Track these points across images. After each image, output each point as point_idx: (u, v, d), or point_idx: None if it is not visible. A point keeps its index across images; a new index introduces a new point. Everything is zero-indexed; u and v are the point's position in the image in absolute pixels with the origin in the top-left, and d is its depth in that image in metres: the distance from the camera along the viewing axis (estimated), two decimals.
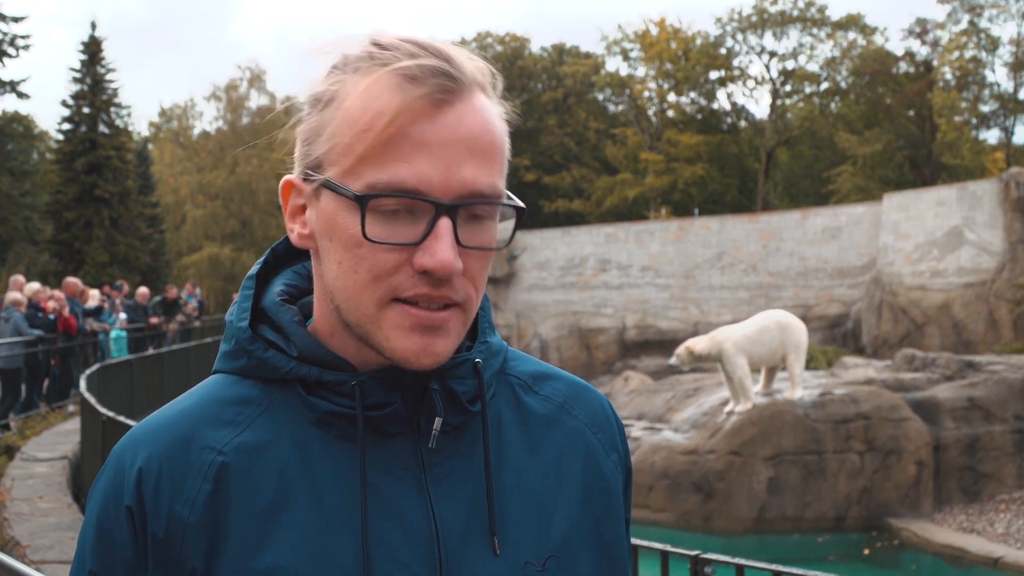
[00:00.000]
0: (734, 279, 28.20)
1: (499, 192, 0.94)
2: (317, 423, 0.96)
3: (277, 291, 1.04)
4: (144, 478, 0.93)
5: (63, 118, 33.56)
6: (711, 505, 12.21)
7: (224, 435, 0.95)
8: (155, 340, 17.49)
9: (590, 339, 28.50)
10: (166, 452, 0.94)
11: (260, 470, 0.94)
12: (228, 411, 0.97)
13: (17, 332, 11.93)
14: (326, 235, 0.94)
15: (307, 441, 0.96)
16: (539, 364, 1.12)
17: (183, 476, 0.93)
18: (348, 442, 0.96)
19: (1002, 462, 12.89)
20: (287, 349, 0.98)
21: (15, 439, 10.16)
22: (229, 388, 0.99)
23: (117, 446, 0.99)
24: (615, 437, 1.11)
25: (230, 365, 1.01)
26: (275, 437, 0.95)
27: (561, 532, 1.01)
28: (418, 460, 0.96)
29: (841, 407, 12.57)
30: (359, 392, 0.94)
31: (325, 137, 0.93)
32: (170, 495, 0.92)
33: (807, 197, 41.05)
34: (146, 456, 0.94)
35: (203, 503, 0.92)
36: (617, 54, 46.00)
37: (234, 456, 0.94)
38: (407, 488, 0.95)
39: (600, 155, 45.84)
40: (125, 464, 0.96)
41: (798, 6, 41.55)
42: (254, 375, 0.99)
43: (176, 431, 0.96)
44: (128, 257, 32.91)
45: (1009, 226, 22.80)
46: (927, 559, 11.27)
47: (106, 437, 6.80)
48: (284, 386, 0.98)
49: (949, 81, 35.96)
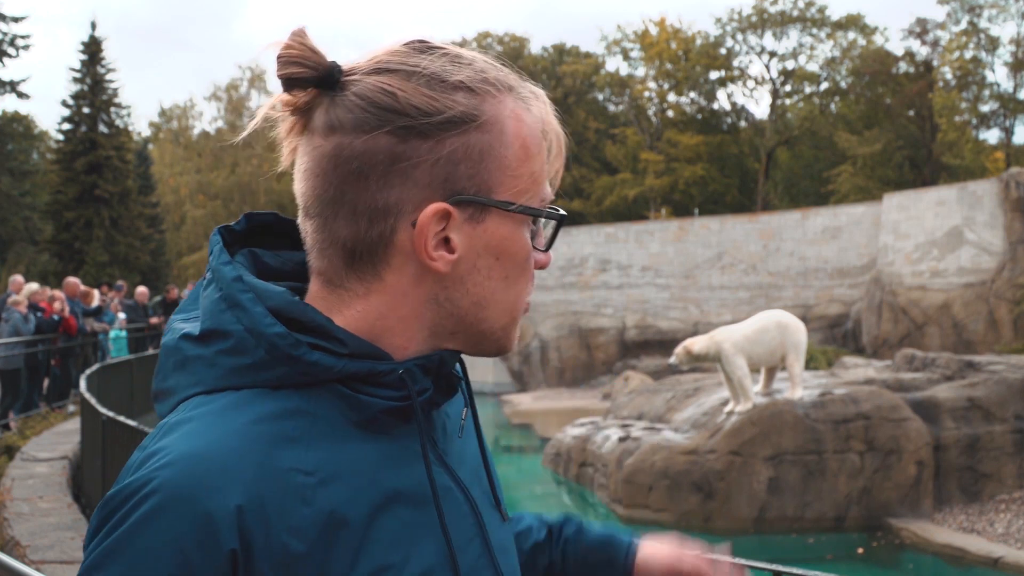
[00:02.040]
0: (734, 279, 28.20)
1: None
2: (360, 423, 0.93)
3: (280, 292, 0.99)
4: (247, 515, 0.84)
5: (63, 118, 33.60)
6: (711, 505, 12.21)
7: (300, 454, 0.89)
8: (155, 340, 17.49)
9: (590, 339, 28.50)
10: (257, 482, 0.85)
11: (348, 483, 0.90)
12: (287, 427, 0.90)
13: (17, 332, 11.93)
14: (491, 255, 0.97)
15: (358, 443, 0.93)
16: None
17: (284, 504, 0.86)
18: (387, 436, 0.95)
19: (1002, 462, 12.88)
20: (333, 348, 0.93)
21: (15, 439, 10.16)
22: (269, 403, 0.91)
23: (163, 483, 0.84)
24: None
25: (252, 379, 0.92)
26: (335, 446, 0.91)
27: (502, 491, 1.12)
28: (431, 440, 1.01)
29: (841, 407, 12.56)
30: (409, 379, 0.94)
31: (483, 159, 0.95)
32: (279, 528, 0.85)
33: (807, 197, 41.06)
34: (242, 489, 0.84)
35: (308, 529, 0.86)
36: (617, 54, 46.05)
37: (321, 475, 0.89)
38: (440, 467, 1.00)
39: (600, 155, 45.85)
40: (204, 503, 0.83)
41: (798, 6, 41.55)
42: (286, 384, 0.92)
43: (252, 457, 0.86)
44: (128, 257, 32.92)
45: (1009, 226, 22.81)
46: (927, 559, 11.27)
47: (106, 437, 6.80)
48: (318, 390, 0.93)
49: (949, 81, 35.97)
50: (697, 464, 12.37)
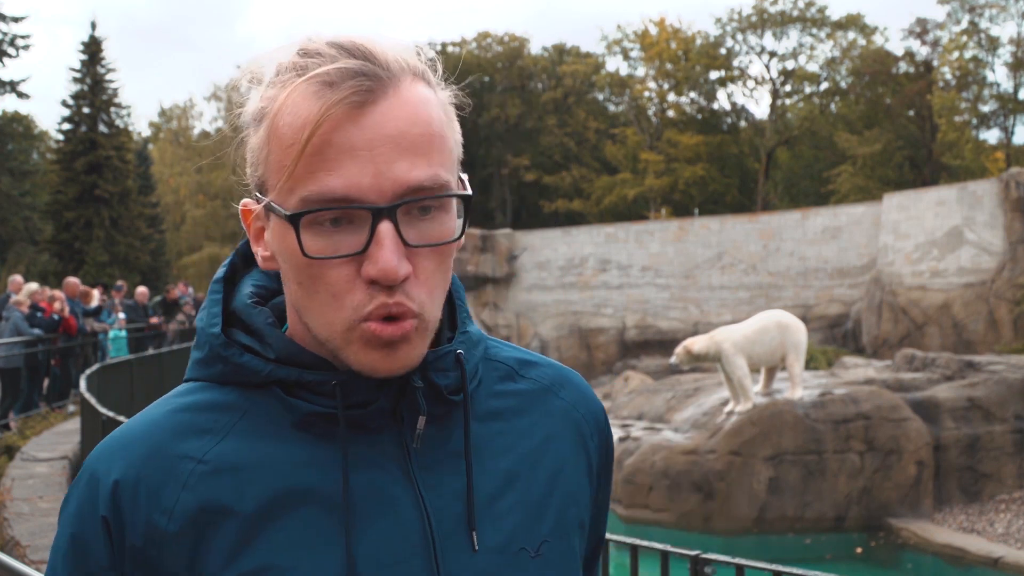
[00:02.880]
0: (734, 279, 28.19)
1: (442, 183, 0.90)
2: (297, 425, 0.95)
3: (247, 293, 1.02)
4: (120, 489, 0.92)
5: (63, 118, 33.58)
6: (711, 505, 12.21)
7: (203, 444, 0.94)
8: (155, 340, 17.49)
9: (590, 339, 28.50)
10: (142, 463, 0.93)
11: (243, 476, 0.92)
12: (205, 419, 0.95)
13: (17, 332, 11.93)
14: (281, 257, 0.93)
15: (290, 444, 0.94)
16: (522, 351, 1.12)
17: (161, 486, 0.92)
18: (330, 441, 0.94)
19: (1002, 462, 12.89)
20: (263, 352, 0.96)
21: (15, 439, 10.16)
22: (204, 395, 0.97)
23: (89, 457, 0.97)
24: (600, 419, 1.12)
25: (204, 372, 0.99)
26: (256, 442, 0.94)
27: (554, 516, 1.01)
28: (403, 451, 0.96)
29: (841, 407, 12.56)
30: (340, 391, 0.93)
31: (261, 157, 0.93)
32: (147, 506, 0.91)
33: (807, 197, 41.05)
34: (122, 467, 0.93)
35: (182, 512, 0.91)
36: (617, 54, 46.03)
37: (214, 464, 0.93)
38: (396, 482, 0.95)
39: (600, 155, 45.85)
40: (99, 475, 0.94)
41: (798, 6, 41.54)
42: (231, 381, 0.97)
43: (152, 440, 0.94)
44: (128, 257, 32.91)
45: (1009, 226, 22.80)
46: (927, 559, 11.27)
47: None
48: (261, 390, 0.96)
49: (949, 81, 35.95)
50: (697, 464, 12.37)
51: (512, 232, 30.84)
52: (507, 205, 45.83)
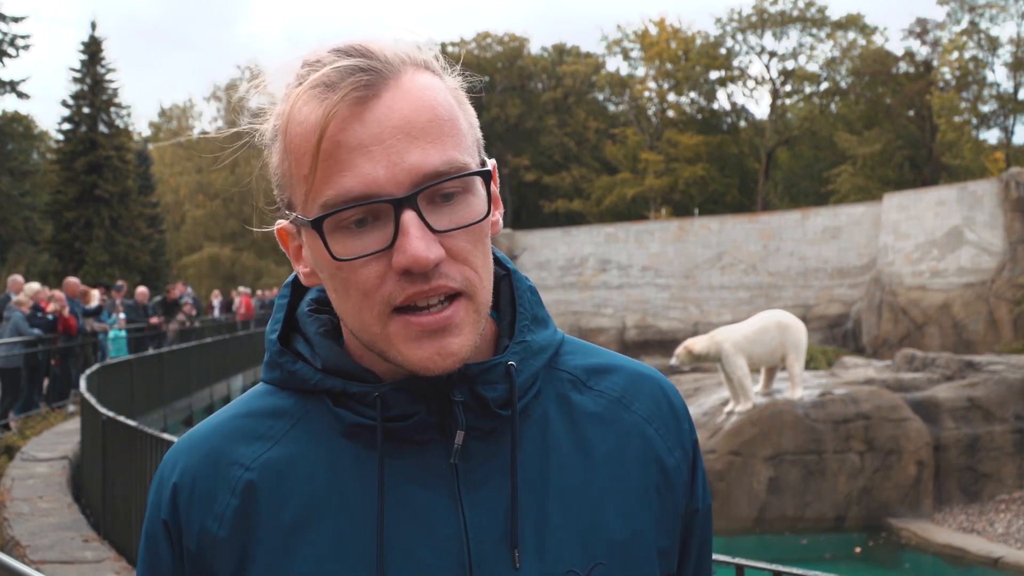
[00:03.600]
0: (734, 279, 28.19)
1: (458, 165, 0.89)
2: (346, 434, 0.95)
3: (309, 299, 1.03)
4: (178, 493, 0.96)
5: (63, 118, 33.59)
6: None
7: (254, 450, 0.96)
8: (155, 340, 17.49)
9: (590, 339, 28.46)
10: (199, 467, 0.96)
11: (287, 485, 0.94)
12: (261, 424, 0.98)
13: (17, 332, 11.93)
14: (317, 268, 0.94)
15: (337, 453, 0.95)
16: (598, 356, 1.07)
17: (213, 491, 0.95)
18: (375, 453, 0.94)
19: (1002, 462, 12.88)
20: (313, 361, 0.98)
21: (15, 439, 10.16)
22: (266, 400, 1.00)
23: (165, 457, 1.01)
24: (680, 429, 1.05)
25: (268, 376, 1.02)
26: (304, 450, 0.95)
27: (611, 537, 0.96)
28: (451, 468, 0.93)
29: (841, 407, 12.56)
30: (380, 403, 0.93)
31: (282, 173, 0.93)
32: (201, 510, 0.95)
33: (807, 197, 41.06)
34: (181, 471, 0.97)
35: (231, 518, 0.93)
36: (617, 54, 46.05)
37: (260, 472, 0.95)
38: (439, 497, 0.93)
39: (600, 155, 45.87)
40: (164, 478, 0.98)
41: (798, 6, 41.56)
42: (288, 387, 0.99)
43: (209, 446, 0.97)
44: (128, 257, 32.91)
45: (1009, 226, 22.80)
46: (927, 559, 11.27)
47: (106, 437, 6.80)
48: (315, 398, 0.97)
49: (949, 81, 35.96)
50: None
51: (512, 232, 30.84)
52: (507, 205, 45.84)
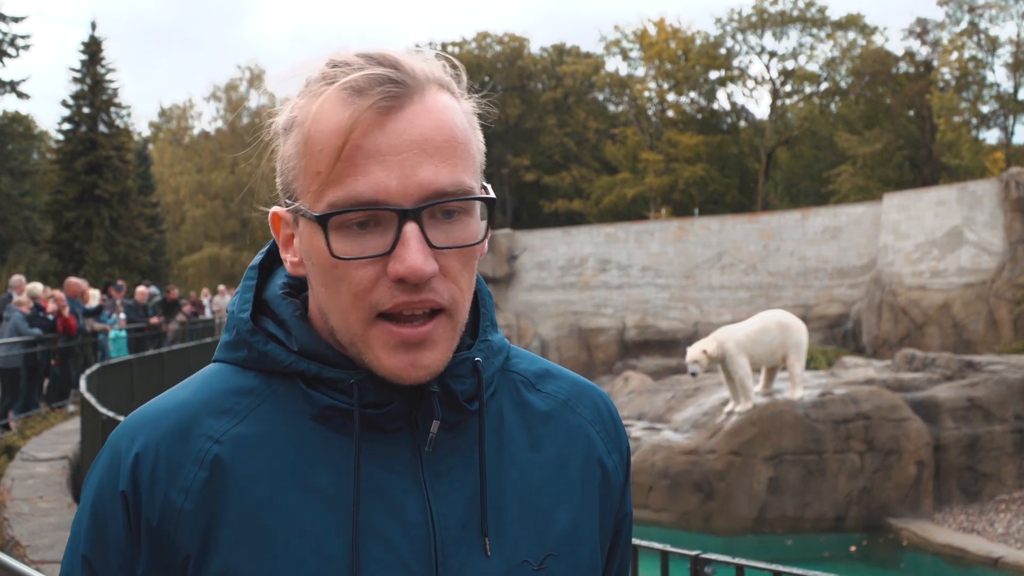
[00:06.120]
0: (734, 279, 28.19)
1: (465, 187, 0.93)
2: (316, 417, 0.97)
3: (280, 283, 1.04)
4: (140, 464, 0.94)
5: (63, 118, 33.58)
6: (711, 505, 12.20)
7: (222, 424, 0.96)
8: (155, 340, 17.49)
9: (590, 339, 28.50)
10: (163, 439, 0.95)
11: (256, 461, 0.94)
12: (227, 401, 0.98)
13: (17, 332, 11.93)
14: (309, 260, 0.96)
15: (305, 434, 0.96)
16: (542, 362, 1.12)
17: (179, 464, 0.94)
18: (346, 436, 0.96)
19: (1002, 462, 12.88)
20: (288, 343, 0.99)
21: (15, 439, 10.16)
22: (229, 378, 1.00)
23: (113, 433, 1.00)
24: (618, 435, 1.12)
25: (231, 355, 1.02)
26: (273, 429, 0.96)
27: (561, 530, 1.01)
28: (416, 456, 0.97)
29: (841, 407, 12.56)
30: (357, 389, 0.95)
31: (292, 165, 0.95)
32: (166, 482, 0.93)
33: (807, 197, 41.04)
34: (143, 443, 0.95)
35: (198, 491, 0.93)
36: (617, 54, 46.01)
37: (231, 445, 0.95)
38: (405, 483, 0.96)
39: (600, 155, 45.85)
40: (121, 450, 0.96)
41: (798, 6, 41.54)
42: (255, 367, 1.00)
43: (174, 418, 0.96)
44: (128, 257, 32.92)
45: (1009, 226, 22.79)
46: (927, 559, 11.27)
47: (106, 437, 6.79)
48: (285, 379, 0.98)
49: (949, 81, 35.95)
50: (697, 464, 12.37)
51: (512, 232, 30.84)
52: (507, 205, 45.81)
